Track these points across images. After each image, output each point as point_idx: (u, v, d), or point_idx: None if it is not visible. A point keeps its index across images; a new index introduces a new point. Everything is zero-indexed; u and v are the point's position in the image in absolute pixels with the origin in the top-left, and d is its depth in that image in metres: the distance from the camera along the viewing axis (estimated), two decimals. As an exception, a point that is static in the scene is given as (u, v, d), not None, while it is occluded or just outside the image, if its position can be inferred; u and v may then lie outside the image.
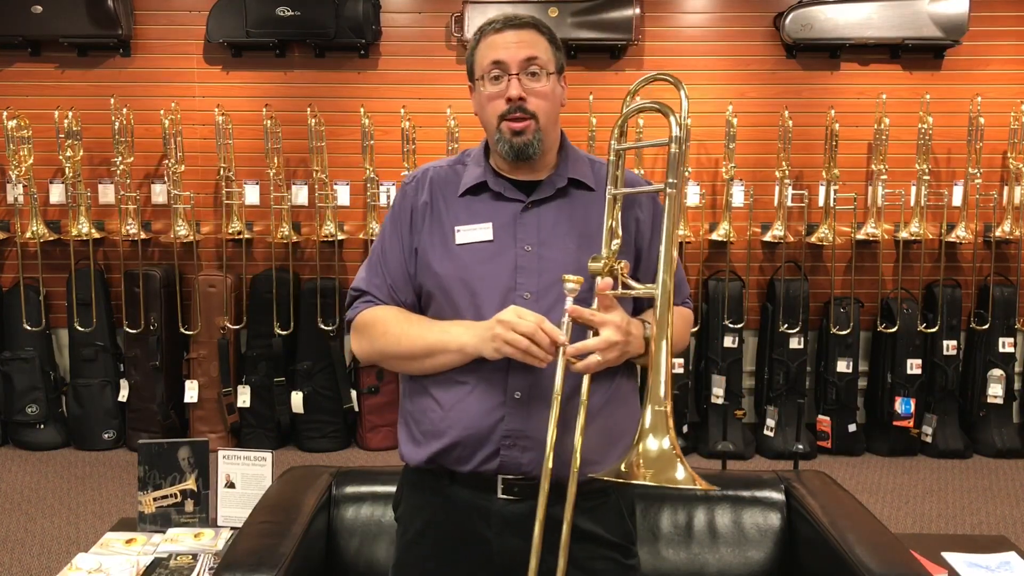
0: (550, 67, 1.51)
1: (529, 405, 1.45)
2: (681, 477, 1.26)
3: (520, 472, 1.47)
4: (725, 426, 4.54)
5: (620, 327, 1.40)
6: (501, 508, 1.49)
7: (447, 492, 1.53)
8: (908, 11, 4.45)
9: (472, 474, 1.49)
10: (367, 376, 4.61)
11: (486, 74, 1.51)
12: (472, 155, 1.61)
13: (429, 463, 1.53)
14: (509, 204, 1.53)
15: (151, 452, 2.27)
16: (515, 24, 1.51)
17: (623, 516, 1.58)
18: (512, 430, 1.46)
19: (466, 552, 1.52)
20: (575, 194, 1.55)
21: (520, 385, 1.46)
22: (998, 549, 2.20)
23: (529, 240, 1.50)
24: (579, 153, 1.62)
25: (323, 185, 4.63)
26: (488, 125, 1.54)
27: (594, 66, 4.65)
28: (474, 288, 1.49)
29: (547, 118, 1.51)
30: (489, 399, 1.47)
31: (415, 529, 1.58)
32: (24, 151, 4.52)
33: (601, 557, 1.53)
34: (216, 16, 4.55)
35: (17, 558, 3.32)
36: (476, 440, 1.47)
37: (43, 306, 4.63)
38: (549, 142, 1.54)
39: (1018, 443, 4.58)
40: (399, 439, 1.60)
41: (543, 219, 1.52)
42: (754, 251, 4.72)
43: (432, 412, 1.51)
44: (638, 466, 1.28)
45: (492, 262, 1.50)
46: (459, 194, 1.55)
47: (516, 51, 1.49)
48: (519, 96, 1.48)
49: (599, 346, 1.39)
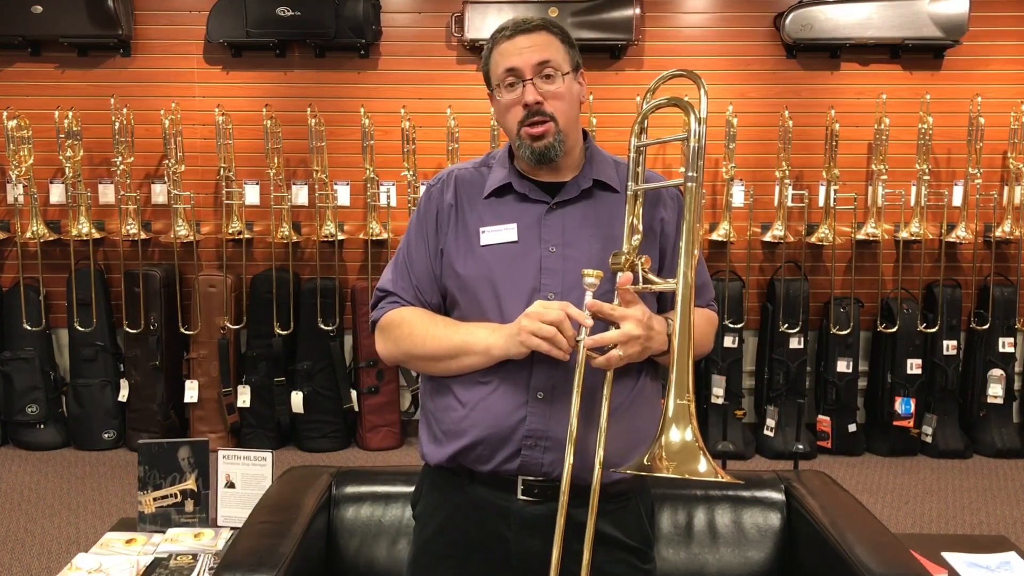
0: (564, 67, 1.52)
1: (552, 406, 1.45)
2: (704, 470, 1.26)
3: (541, 473, 1.47)
4: (725, 426, 4.54)
5: (641, 321, 1.39)
6: (521, 509, 1.49)
7: (467, 491, 1.53)
8: (908, 11, 4.45)
9: (492, 474, 1.49)
10: (367, 376, 4.62)
11: (501, 83, 1.52)
12: (497, 157, 1.61)
13: (450, 462, 1.53)
14: (534, 205, 1.53)
15: (151, 452, 2.27)
16: (525, 29, 1.52)
17: (642, 520, 1.57)
18: (534, 430, 1.46)
19: (484, 552, 1.52)
20: (600, 195, 1.55)
21: (543, 385, 1.46)
22: (998, 549, 2.20)
23: (554, 241, 1.50)
24: (604, 154, 1.62)
25: (323, 185, 4.63)
26: (509, 132, 1.54)
27: (594, 66, 4.65)
28: (498, 289, 1.49)
29: (566, 118, 1.51)
30: (511, 399, 1.47)
31: (433, 528, 1.58)
32: (24, 151, 4.52)
33: (618, 561, 1.52)
34: (216, 16, 4.55)
35: (17, 558, 3.32)
36: (497, 440, 1.47)
37: (43, 306, 4.63)
38: (571, 142, 1.54)
39: (1018, 443, 4.58)
40: (420, 438, 1.60)
41: (568, 220, 1.52)
42: (754, 251, 4.72)
43: (453, 411, 1.51)
44: (661, 459, 1.28)
45: (516, 263, 1.50)
46: (484, 196, 1.56)
47: (528, 56, 1.49)
48: (536, 101, 1.48)
49: (618, 339, 1.38)
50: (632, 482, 1.53)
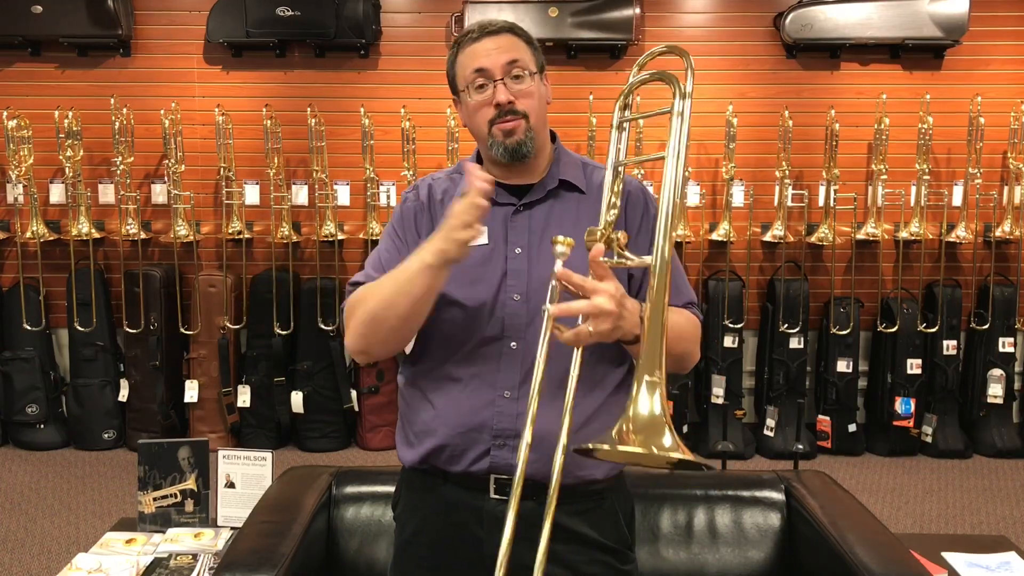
0: (531, 67, 1.52)
1: (519, 403, 1.46)
2: (668, 444, 1.19)
3: (512, 472, 1.46)
4: (725, 426, 4.54)
5: (613, 296, 1.30)
6: (493, 508, 1.49)
7: (441, 492, 1.54)
8: (908, 11, 4.45)
9: (464, 474, 1.50)
10: (367, 376, 4.62)
11: (470, 84, 1.51)
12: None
13: (422, 463, 1.54)
14: (501, 208, 1.53)
15: (151, 452, 2.27)
16: (491, 31, 1.52)
17: (619, 521, 1.57)
18: (502, 430, 1.46)
19: (459, 552, 1.53)
20: (566, 196, 1.56)
21: (510, 384, 1.47)
22: (998, 549, 2.20)
23: (519, 242, 1.51)
24: (572, 156, 1.62)
25: (323, 185, 4.63)
26: (479, 133, 1.53)
27: (594, 66, 4.65)
28: (466, 291, 1.50)
29: (537, 117, 1.52)
30: (479, 398, 1.48)
31: (411, 529, 1.59)
32: (24, 151, 4.52)
33: (595, 561, 1.52)
34: (216, 16, 4.55)
35: (17, 558, 3.32)
36: (466, 440, 1.48)
37: (43, 306, 4.63)
38: (540, 141, 1.54)
39: (1018, 443, 4.58)
40: (396, 441, 1.62)
41: (533, 221, 1.53)
42: (754, 251, 4.72)
43: (424, 412, 1.53)
44: (627, 432, 1.21)
45: (483, 266, 1.51)
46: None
47: (497, 57, 1.49)
48: (508, 100, 1.48)
49: (588, 310, 1.30)
50: (607, 482, 1.54)
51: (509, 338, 1.49)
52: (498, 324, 1.49)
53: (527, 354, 1.47)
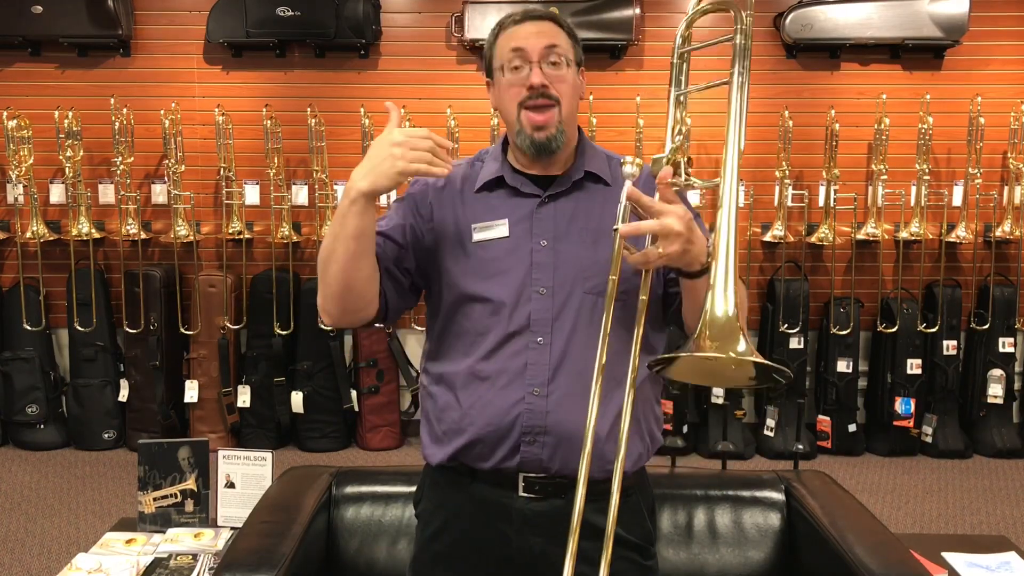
0: (570, 56, 1.50)
1: (547, 400, 1.45)
2: (742, 349, 1.19)
3: (541, 469, 1.46)
4: (725, 426, 4.54)
5: (682, 218, 1.28)
6: (522, 506, 1.49)
7: (468, 490, 1.53)
8: (908, 11, 4.45)
9: (493, 471, 1.49)
10: (367, 376, 4.62)
11: (506, 64, 1.49)
12: (490, 151, 1.60)
13: (451, 461, 1.52)
14: (526, 200, 1.52)
15: (151, 452, 2.27)
16: (534, 16, 1.51)
17: (643, 516, 1.57)
18: (531, 426, 1.45)
19: (485, 550, 1.52)
20: (592, 188, 1.54)
21: (539, 381, 1.45)
22: (998, 549, 2.19)
23: (545, 235, 1.49)
24: (596, 148, 1.60)
25: (323, 185, 4.63)
26: (508, 116, 1.51)
27: (594, 66, 4.64)
28: (490, 285, 1.48)
29: (568, 106, 1.49)
30: (508, 395, 1.46)
31: (435, 526, 1.58)
32: (24, 151, 4.52)
33: (620, 557, 1.50)
34: (216, 16, 4.55)
35: (17, 558, 3.32)
36: (496, 437, 1.46)
37: (43, 306, 4.63)
38: (569, 134, 1.52)
39: (1018, 443, 4.58)
40: (421, 439, 1.60)
41: (559, 213, 1.51)
42: (754, 251, 4.72)
43: (452, 410, 1.51)
44: (705, 338, 1.21)
45: (507, 258, 1.49)
46: (475, 189, 1.54)
47: (537, 40, 1.47)
48: (541, 83, 1.46)
49: (657, 230, 1.28)
50: (633, 478, 1.53)
51: (535, 333, 1.46)
52: (523, 319, 1.47)
53: (555, 349, 1.45)
